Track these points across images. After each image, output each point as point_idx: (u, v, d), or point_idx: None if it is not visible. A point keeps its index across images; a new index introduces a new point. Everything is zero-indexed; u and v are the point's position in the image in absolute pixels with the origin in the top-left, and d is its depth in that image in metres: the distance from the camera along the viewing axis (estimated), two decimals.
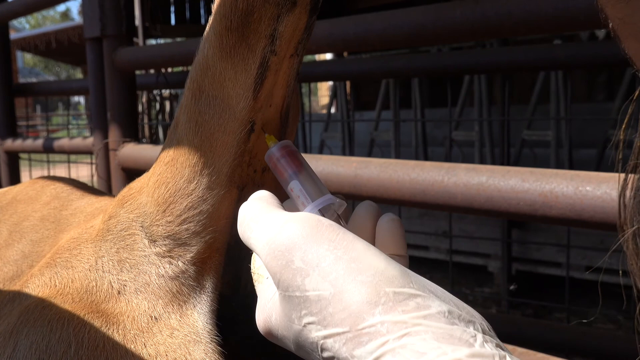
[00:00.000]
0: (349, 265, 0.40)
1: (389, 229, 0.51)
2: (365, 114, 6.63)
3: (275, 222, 0.44)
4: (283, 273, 0.42)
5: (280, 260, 0.42)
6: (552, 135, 4.08)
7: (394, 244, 0.51)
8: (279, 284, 0.42)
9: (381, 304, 0.38)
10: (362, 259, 0.40)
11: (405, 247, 0.51)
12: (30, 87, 3.56)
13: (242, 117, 0.54)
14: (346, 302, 0.38)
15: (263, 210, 0.47)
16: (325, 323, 0.39)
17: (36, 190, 0.87)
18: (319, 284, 0.40)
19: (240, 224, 0.48)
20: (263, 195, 0.50)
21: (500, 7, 1.17)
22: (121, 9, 2.11)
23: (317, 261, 0.41)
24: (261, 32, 0.52)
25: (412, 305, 0.38)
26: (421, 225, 4.41)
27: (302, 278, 0.41)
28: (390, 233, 0.51)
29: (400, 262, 0.49)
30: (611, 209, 1.01)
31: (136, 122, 2.22)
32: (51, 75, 35.42)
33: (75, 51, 9.51)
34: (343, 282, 0.39)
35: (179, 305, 0.54)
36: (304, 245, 0.42)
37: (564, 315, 3.68)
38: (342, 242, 0.41)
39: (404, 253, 0.51)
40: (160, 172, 0.55)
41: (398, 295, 0.38)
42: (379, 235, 0.52)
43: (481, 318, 0.40)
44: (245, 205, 0.49)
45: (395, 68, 2.15)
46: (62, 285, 0.57)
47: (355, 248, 0.41)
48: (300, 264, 0.41)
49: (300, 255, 0.41)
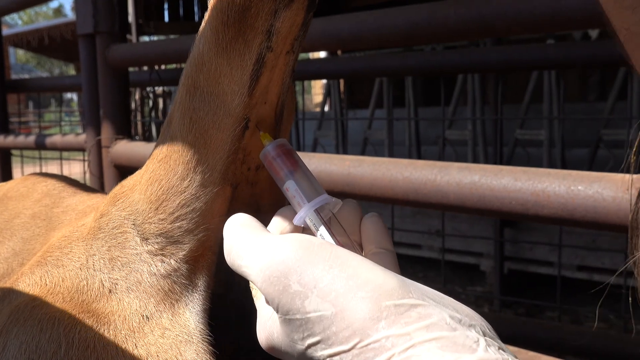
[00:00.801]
0: (347, 283, 0.40)
1: (374, 226, 0.52)
2: (358, 113, 6.63)
3: (266, 248, 0.44)
4: (281, 298, 0.41)
5: (277, 286, 0.42)
6: (545, 135, 4.09)
7: (382, 240, 0.51)
8: (278, 308, 0.42)
9: (384, 318, 0.38)
10: (359, 275, 0.40)
11: (391, 242, 0.52)
12: (22, 84, 3.54)
13: (236, 113, 0.53)
14: (349, 320, 0.38)
15: (249, 237, 0.47)
16: (330, 342, 0.39)
17: (27, 187, 0.86)
18: (319, 305, 0.40)
19: (228, 254, 0.48)
20: (244, 220, 0.49)
21: (495, 7, 1.17)
22: (114, 6, 2.10)
23: (314, 282, 0.40)
24: (258, 27, 0.52)
25: (414, 316, 0.38)
26: (414, 223, 4.42)
27: (301, 301, 0.40)
28: (376, 230, 0.52)
29: (388, 257, 0.50)
30: (602, 209, 1.02)
31: (129, 119, 2.21)
32: (44, 72, 35.26)
33: (68, 48, 9.46)
34: (343, 300, 0.39)
35: (171, 304, 0.54)
36: (299, 268, 0.41)
37: (555, 314, 3.69)
38: (337, 260, 0.41)
39: (391, 248, 0.52)
40: (153, 169, 0.55)
41: (399, 307, 0.38)
42: (365, 233, 0.52)
43: (481, 319, 0.40)
44: (228, 233, 0.49)
45: (389, 67, 2.15)
46: (53, 284, 0.56)
47: (351, 264, 0.41)
48: (297, 287, 0.41)
49: (297, 278, 0.41)
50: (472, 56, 2.05)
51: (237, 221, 0.49)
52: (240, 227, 0.48)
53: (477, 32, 1.22)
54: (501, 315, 3.41)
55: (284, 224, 0.52)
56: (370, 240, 0.51)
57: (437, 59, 2.09)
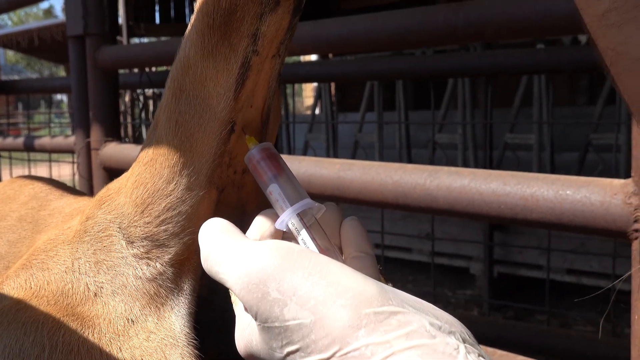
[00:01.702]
0: (326, 290, 0.39)
1: (353, 230, 0.52)
2: (349, 116, 6.63)
3: (244, 254, 0.44)
4: (260, 306, 0.41)
5: (256, 294, 0.41)
6: (535, 139, 4.11)
7: (361, 244, 0.51)
8: (257, 316, 0.41)
9: (363, 326, 0.37)
10: (338, 282, 0.40)
11: (371, 245, 0.52)
12: (12, 85, 3.52)
13: (222, 117, 0.53)
14: (328, 328, 0.38)
15: (226, 243, 0.46)
16: (309, 350, 0.38)
17: (14, 189, 0.85)
18: (298, 313, 0.39)
19: (205, 260, 0.47)
20: (221, 225, 0.49)
21: (483, 12, 1.18)
22: (104, 7, 2.09)
23: (293, 290, 0.40)
24: (244, 31, 0.52)
25: (394, 323, 0.38)
26: (404, 227, 4.43)
27: (280, 308, 0.40)
28: (355, 234, 0.52)
29: (368, 261, 0.51)
30: (590, 213, 1.02)
31: (118, 121, 2.20)
32: (33, 73, 35.09)
33: (58, 49, 9.41)
34: (323, 308, 0.39)
35: (157, 307, 0.54)
36: (278, 275, 0.41)
37: (544, 317, 3.71)
38: (316, 267, 0.41)
39: (370, 252, 0.51)
40: (138, 172, 0.55)
41: (379, 315, 0.38)
42: (344, 236, 0.52)
43: (461, 326, 0.40)
44: (205, 239, 0.48)
45: (380, 70, 2.15)
46: (38, 287, 0.56)
47: (330, 271, 0.41)
48: (276, 294, 0.40)
49: (276, 285, 0.40)
50: (462, 60, 2.06)
51: (214, 226, 0.49)
52: (217, 232, 0.48)
53: (466, 36, 1.22)
54: (490, 318, 3.42)
55: (265, 226, 0.52)
56: (349, 244, 0.51)
57: (428, 63, 2.09)
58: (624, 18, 0.36)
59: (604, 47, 0.38)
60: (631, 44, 0.36)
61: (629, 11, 0.35)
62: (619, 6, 0.36)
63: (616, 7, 0.36)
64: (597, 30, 0.38)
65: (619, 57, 0.37)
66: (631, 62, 0.37)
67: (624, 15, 0.36)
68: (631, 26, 0.36)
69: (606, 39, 0.38)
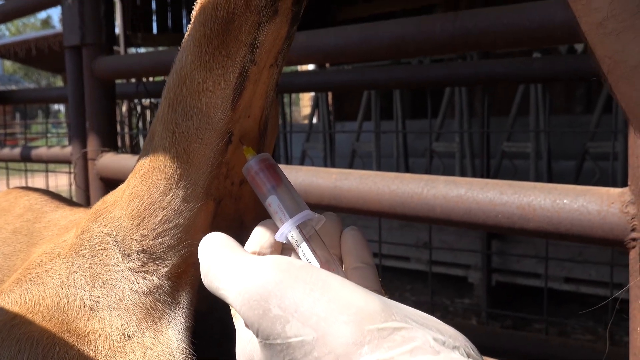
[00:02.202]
0: (328, 306, 0.39)
1: (353, 240, 0.52)
2: (346, 125, 6.64)
3: (245, 270, 0.43)
4: (261, 323, 0.40)
5: (257, 310, 0.40)
6: (532, 147, 4.12)
7: (362, 254, 0.51)
8: (258, 333, 0.41)
9: (367, 343, 0.37)
10: (340, 298, 0.39)
11: (371, 255, 0.51)
12: (9, 95, 3.52)
13: (219, 127, 0.53)
14: (331, 345, 0.37)
15: (226, 258, 0.45)
16: None
17: (9, 201, 0.85)
18: (300, 330, 0.38)
19: (205, 275, 0.46)
20: (220, 240, 0.48)
21: (480, 21, 1.18)
22: (101, 18, 2.09)
23: (295, 306, 0.39)
24: (241, 40, 0.51)
25: (398, 339, 0.37)
26: (402, 236, 4.42)
27: (281, 325, 0.39)
28: (355, 244, 0.51)
29: (369, 271, 0.50)
30: (587, 222, 1.02)
31: (115, 131, 2.20)
32: (31, 83, 35.08)
33: (55, 59, 9.43)
34: (325, 325, 0.38)
35: (153, 322, 0.53)
36: (279, 292, 0.40)
37: (542, 326, 3.70)
38: (318, 283, 0.40)
39: (371, 262, 0.51)
40: (134, 184, 0.54)
41: (382, 331, 0.37)
42: (344, 247, 0.52)
43: (465, 340, 0.39)
44: (204, 254, 0.47)
45: (377, 79, 2.16)
46: (33, 302, 0.55)
47: (332, 287, 0.40)
48: (277, 311, 0.40)
49: (277, 302, 0.40)
50: (459, 69, 2.06)
51: (213, 241, 0.48)
52: (217, 247, 0.47)
53: (462, 46, 1.23)
54: (488, 327, 3.41)
55: (264, 237, 0.51)
56: (350, 254, 0.51)
57: (425, 72, 2.10)
58: (621, 26, 0.36)
59: (602, 55, 0.38)
60: (628, 52, 0.36)
61: (626, 19, 0.35)
62: (617, 14, 0.36)
63: (614, 15, 0.36)
64: (594, 38, 0.38)
65: (616, 65, 0.37)
66: (628, 70, 0.36)
67: (621, 23, 0.36)
68: (629, 34, 0.36)
69: (603, 46, 0.37)
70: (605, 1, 0.36)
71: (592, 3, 0.36)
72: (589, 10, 0.37)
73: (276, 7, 0.50)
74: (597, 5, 0.36)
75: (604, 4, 0.36)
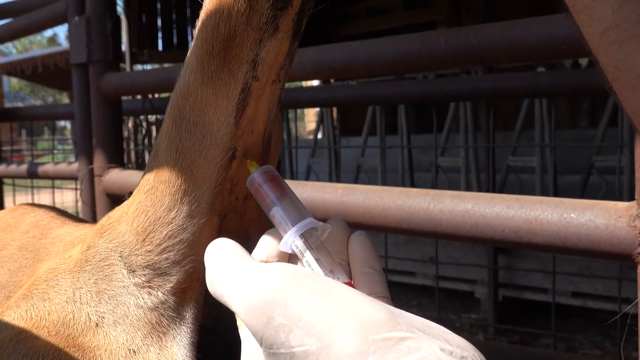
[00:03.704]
0: (333, 316, 0.38)
1: (360, 246, 0.51)
2: (351, 140, 6.65)
3: (249, 278, 0.42)
4: (265, 331, 0.40)
5: (261, 318, 0.40)
6: (537, 161, 4.11)
7: (369, 259, 0.50)
8: (262, 342, 0.40)
9: (371, 353, 0.36)
10: (345, 307, 0.39)
11: (379, 261, 0.51)
12: (16, 112, 3.54)
13: (223, 143, 0.53)
14: (336, 355, 0.37)
15: (232, 264, 0.45)
16: None
17: (16, 217, 0.85)
18: (304, 339, 0.38)
19: (210, 282, 0.46)
20: (227, 245, 0.47)
21: (484, 36, 1.18)
22: (108, 35, 2.11)
23: (299, 315, 0.39)
24: (243, 57, 0.51)
25: (404, 349, 0.36)
26: (407, 251, 4.40)
27: (285, 334, 0.39)
28: (362, 249, 0.51)
29: (376, 277, 0.49)
30: (595, 236, 1.01)
31: (121, 147, 2.21)
32: (37, 100, 35.31)
33: (61, 76, 9.49)
34: (329, 334, 0.37)
35: (158, 337, 0.53)
36: (283, 300, 0.40)
37: (550, 341, 3.67)
38: (323, 291, 0.40)
39: (379, 267, 0.50)
40: (139, 200, 0.54)
41: (388, 341, 0.37)
42: (352, 252, 0.51)
43: (473, 349, 0.39)
44: (210, 260, 0.47)
45: (382, 95, 2.16)
46: (39, 318, 0.55)
47: (337, 296, 0.40)
48: (281, 319, 0.39)
49: (281, 310, 0.39)
50: (463, 84, 2.07)
51: (220, 247, 0.47)
52: (223, 253, 0.47)
53: (467, 61, 1.23)
54: (496, 343, 3.38)
55: (271, 246, 0.51)
56: (357, 260, 0.50)
57: (430, 87, 2.10)
58: (624, 35, 0.36)
59: (605, 63, 0.38)
60: (632, 60, 0.36)
61: (629, 29, 0.35)
62: (620, 24, 0.36)
63: (617, 25, 0.36)
64: (598, 47, 0.38)
65: (620, 74, 0.37)
66: (632, 78, 0.37)
67: (624, 32, 0.36)
68: (632, 43, 0.36)
69: (607, 56, 0.38)
70: (608, 11, 0.36)
71: (595, 13, 0.37)
72: (592, 20, 0.37)
73: (277, 23, 0.51)
74: (600, 15, 0.36)
75: (607, 14, 0.36)
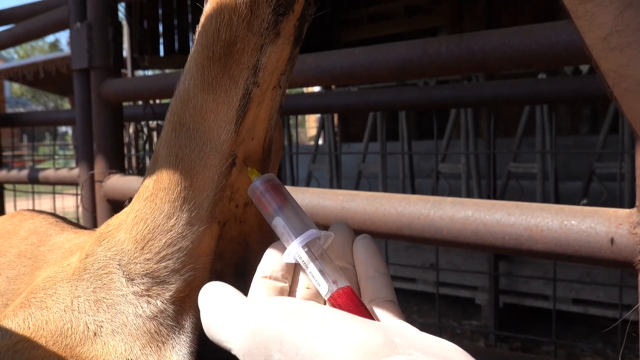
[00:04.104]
0: (329, 346, 0.38)
1: (365, 249, 0.51)
2: (352, 146, 6.65)
3: (243, 319, 0.43)
4: None
5: (259, 357, 0.41)
6: (538, 168, 4.11)
7: (374, 263, 0.50)
8: None
9: None
10: (341, 335, 0.39)
11: (384, 264, 0.51)
12: (17, 117, 3.54)
13: (223, 150, 0.53)
14: None
15: (225, 308, 0.46)
16: None
17: (14, 224, 0.85)
18: None
19: (207, 329, 0.47)
20: (218, 289, 0.48)
21: (485, 43, 1.18)
22: (109, 41, 2.11)
23: (295, 349, 0.39)
24: (244, 63, 0.51)
25: None
26: (408, 257, 4.40)
27: None
28: (367, 253, 0.51)
29: (382, 280, 0.49)
30: (596, 243, 1.01)
31: (122, 153, 2.21)
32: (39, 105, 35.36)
33: (63, 81, 9.51)
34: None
35: (157, 346, 0.53)
36: (279, 336, 0.40)
37: (551, 348, 3.66)
38: (316, 322, 0.40)
39: (384, 270, 0.50)
40: (138, 208, 0.54)
41: None
42: (357, 256, 0.51)
43: None
44: (204, 306, 0.48)
45: (383, 101, 2.16)
46: (36, 327, 0.54)
47: (331, 324, 0.40)
48: (279, 356, 0.40)
49: (278, 347, 0.40)
50: (464, 90, 2.07)
51: (211, 291, 0.48)
52: (216, 297, 0.47)
53: (468, 67, 1.23)
54: (497, 350, 3.37)
55: (275, 260, 0.50)
56: (363, 264, 0.50)
57: (431, 93, 2.10)
58: (625, 41, 0.36)
59: (606, 69, 0.38)
60: (633, 66, 0.36)
61: (630, 35, 0.35)
62: (621, 30, 0.36)
63: (618, 31, 0.36)
64: (599, 53, 0.38)
65: (621, 79, 0.37)
66: (634, 84, 0.37)
67: (625, 38, 0.36)
68: (633, 49, 0.36)
69: (608, 61, 0.37)
70: (609, 17, 0.36)
71: (596, 19, 0.36)
72: (593, 25, 0.37)
73: (278, 29, 0.51)
74: (602, 20, 0.36)
75: (608, 20, 0.36)
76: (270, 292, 0.48)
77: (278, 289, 0.49)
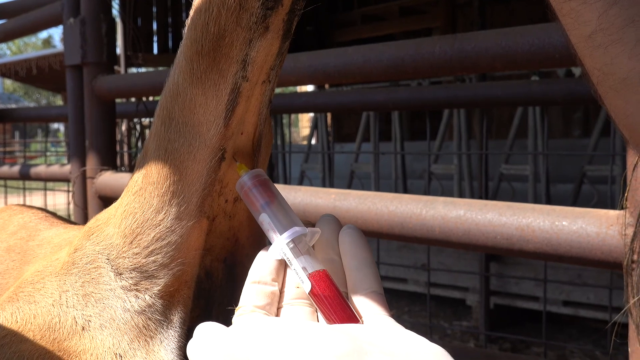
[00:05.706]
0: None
1: (351, 240, 0.51)
2: (345, 146, 6.65)
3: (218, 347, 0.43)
4: None
5: None
6: (530, 170, 4.12)
7: (359, 254, 0.50)
8: None
9: None
10: (306, 347, 0.39)
11: (371, 254, 0.51)
12: (9, 113, 3.52)
13: (212, 144, 0.52)
14: None
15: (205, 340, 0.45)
16: None
17: (4, 219, 0.84)
18: None
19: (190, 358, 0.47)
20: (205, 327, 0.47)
21: (478, 44, 1.18)
22: (102, 37, 2.10)
23: None
24: (233, 57, 0.51)
25: None
26: (400, 257, 4.40)
27: None
28: (352, 244, 0.50)
29: (367, 271, 0.49)
30: (587, 244, 1.01)
31: (114, 150, 2.20)
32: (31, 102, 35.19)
33: (56, 78, 9.46)
34: None
35: (145, 341, 0.52)
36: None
37: (541, 349, 3.67)
38: (280, 341, 0.40)
39: (370, 261, 0.50)
40: (127, 202, 0.54)
41: None
42: (343, 247, 0.51)
43: None
44: (192, 344, 0.47)
45: (376, 101, 2.16)
46: (24, 321, 0.54)
47: (298, 338, 0.40)
48: None
49: None
50: (457, 91, 2.07)
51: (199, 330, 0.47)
52: (200, 333, 0.47)
53: (460, 67, 1.23)
54: (487, 350, 3.38)
55: (263, 266, 0.50)
56: (348, 254, 0.50)
57: (424, 94, 2.11)
58: (610, 39, 0.36)
59: (591, 67, 0.38)
60: (617, 64, 0.36)
61: (614, 33, 0.36)
62: (605, 28, 0.36)
63: (602, 29, 0.36)
64: (583, 51, 0.38)
65: (605, 77, 0.38)
66: (617, 82, 0.37)
67: (610, 36, 0.36)
68: (617, 47, 0.36)
69: (593, 59, 0.38)
70: (593, 15, 0.36)
71: (581, 17, 0.37)
72: (577, 23, 0.37)
73: (267, 23, 0.50)
74: (586, 19, 0.37)
75: (593, 18, 0.36)
76: (260, 297, 0.48)
77: (268, 293, 0.48)
